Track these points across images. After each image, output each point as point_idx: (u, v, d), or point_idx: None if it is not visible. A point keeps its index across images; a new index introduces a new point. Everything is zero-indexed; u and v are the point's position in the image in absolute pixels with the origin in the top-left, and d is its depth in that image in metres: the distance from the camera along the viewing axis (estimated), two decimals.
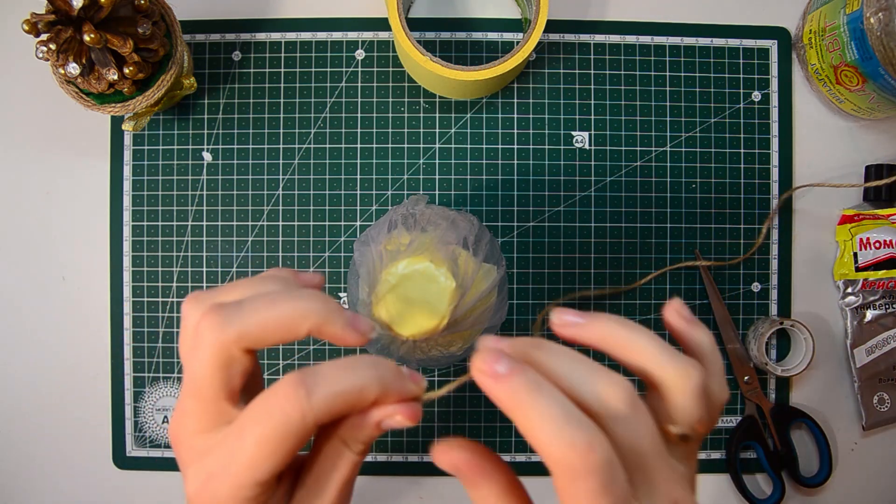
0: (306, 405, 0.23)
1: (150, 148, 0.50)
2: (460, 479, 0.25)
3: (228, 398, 0.25)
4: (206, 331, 0.24)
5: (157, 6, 0.42)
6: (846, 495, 0.50)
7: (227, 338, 0.24)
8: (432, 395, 0.26)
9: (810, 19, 0.49)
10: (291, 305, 0.24)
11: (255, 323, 0.24)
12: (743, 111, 0.50)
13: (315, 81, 0.50)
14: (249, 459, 0.23)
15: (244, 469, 0.23)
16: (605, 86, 0.50)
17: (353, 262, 0.40)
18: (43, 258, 0.50)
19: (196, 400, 0.25)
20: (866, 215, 0.49)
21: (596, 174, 0.50)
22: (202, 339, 0.24)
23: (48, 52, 0.38)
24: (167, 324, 0.50)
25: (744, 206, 0.50)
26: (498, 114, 0.50)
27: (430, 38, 0.50)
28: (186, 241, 0.50)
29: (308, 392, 0.23)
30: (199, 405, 0.25)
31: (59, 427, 0.50)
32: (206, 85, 0.50)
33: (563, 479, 0.22)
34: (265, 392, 0.23)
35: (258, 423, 0.23)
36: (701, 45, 0.50)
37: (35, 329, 0.50)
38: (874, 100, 0.46)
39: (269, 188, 0.50)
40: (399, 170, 0.50)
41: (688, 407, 0.24)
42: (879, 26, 0.42)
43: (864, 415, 0.50)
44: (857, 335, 0.50)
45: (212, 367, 0.24)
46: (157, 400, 0.50)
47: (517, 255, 0.50)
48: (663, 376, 0.24)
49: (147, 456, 0.50)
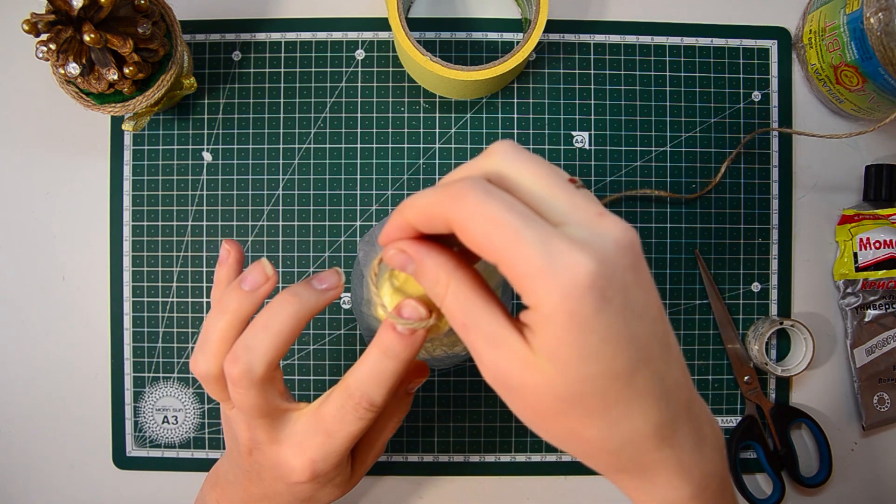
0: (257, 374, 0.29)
1: (150, 148, 0.50)
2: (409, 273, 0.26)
3: (281, 397, 0.31)
4: (241, 379, 0.29)
5: (157, 6, 0.42)
6: (846, 495, 0.50)
7: (260, 373, 0.29)
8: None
9: (810, 19, 0.49)
10: (280, 321, 0.29)
11: (268, 352, 0.29)
12: (743, 111, 0.50)
13: (315, 81, 0.50)
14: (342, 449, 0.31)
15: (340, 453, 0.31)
16: (605, 86, 0.50)
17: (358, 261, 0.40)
18: (43, 258, 0.50)
19: (262, 418, 0.30)
20: (866, 215, 0.49)
21: (596, 174, 0.50)
22: (241, 387, 0.29)
23: (48, 52, 0.38)
24: (167, 324, 0.50)
25: (744, 206, 0.50)
26: (498, 114, 0.50)
27: (430, 38, 0.50)
28: (186, 241, 0.50)
29: (250, 363, 0.29)
30: (265, 420, 0.31)
31: (59, 427, 0.50)
32: (206, 85, 0.50)
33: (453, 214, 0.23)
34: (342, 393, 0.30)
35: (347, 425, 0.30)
36: (701, 45, 0.50)
37: (35, 329, 0.50)
38: (874, 100, 0.46)
39: (269, 188, 0.50)
40: (399, 170, 0.50)
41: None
42: (879, 26, 0.42)
43: (864, 415, 0.50)
44: (857, 335, 0.50)
45: (262, 396, 0.30)
46: (157, 400, 0.50)
47: None
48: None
49: (147, 456, 0.50)
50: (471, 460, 0.50)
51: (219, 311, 0.30)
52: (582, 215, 0.23)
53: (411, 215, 0.25)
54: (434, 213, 0.24)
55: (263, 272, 0.30)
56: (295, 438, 0.31)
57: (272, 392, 0.30)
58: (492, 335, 0.24)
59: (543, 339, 0.22)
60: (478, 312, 0.24)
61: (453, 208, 0.23)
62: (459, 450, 0.50)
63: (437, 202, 0.23)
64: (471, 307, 0.24)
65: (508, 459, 0.50)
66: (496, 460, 0.50)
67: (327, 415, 0.30)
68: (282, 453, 0.31)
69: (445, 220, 0.23)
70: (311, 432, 0.30)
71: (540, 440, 0.50)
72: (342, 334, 0.50)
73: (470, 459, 0.50)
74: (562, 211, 0.23)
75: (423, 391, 0.50)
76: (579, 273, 0.21)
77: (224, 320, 0.30)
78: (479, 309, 0.24)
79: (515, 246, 0.21)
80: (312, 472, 0.31)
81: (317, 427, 0.30)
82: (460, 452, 0.50)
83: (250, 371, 0.29)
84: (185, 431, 0.50)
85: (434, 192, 0.24)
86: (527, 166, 0.24)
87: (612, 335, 0.22)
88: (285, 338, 0.29)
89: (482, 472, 0.50)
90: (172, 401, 0.50)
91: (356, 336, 0.50)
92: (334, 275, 0.30)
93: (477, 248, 0.23)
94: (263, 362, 0.29)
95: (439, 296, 0.25)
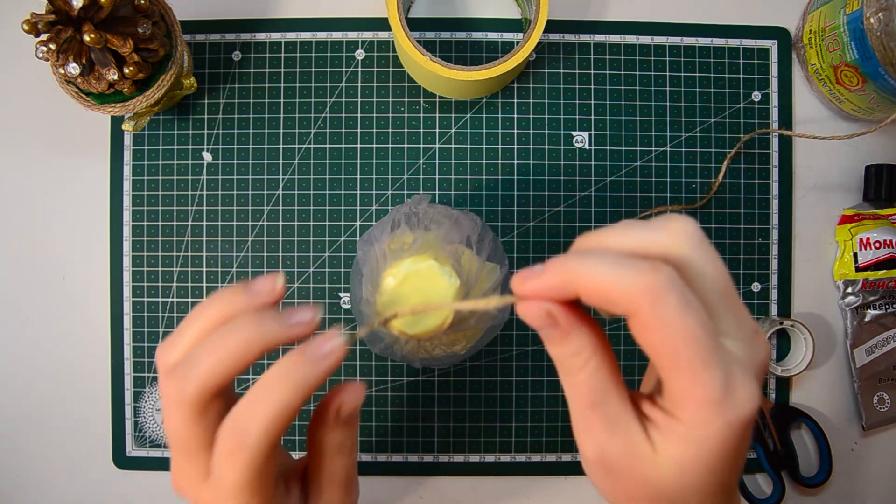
0: (187, 395, 0.25)
1: (150, 148, 0.50)
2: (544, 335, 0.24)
3: (213, 445, 0.26)
4: (168, 398, 0.25)
5: (157, 6, 0.42)
6: (846, 495, 0.50)
7: (189, 396, 0.25)
8: (362, 333, 0.26)
9: (810, 19, 0.49)
10: (232, 343, 0.25)
11: (206, 374, 0.25)
12: (743, 111, 0.50)
13: (315, 81, 0.50)
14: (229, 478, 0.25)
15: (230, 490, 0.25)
16: (605, 86, 0.50)
17: (357, 261, 0.40)
18: (43, 258, 0.50)
19: (185, 455, 0.26)
20: (866, 215, 0.49)
21: (596, 174, 0.50)
22: (168, 405, 0.26)
23: (48, 52, 0.38)
24: (167, 324, 0.50)
25: (744, 206, 0.50)
26: (498, 114, 0.50)
27: (430, 38, 0.50)
28: (186, 241, 0.50)
29: (184, 381, 0.25)
30: (187, 459, 0.26)
31: (59, 427, 0.50)
32: (206, 85, 0.50)
33: (643, 310, 0.21)
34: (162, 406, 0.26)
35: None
36: (701, 45, 0.50)
37: (35, 329, 0.50)
38: (874, 100, 0.46)
39: (269, 188, 0.50)
40: (399, 170, 0.50)
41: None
42: (879, 26, 0.42)
43: (864, 415, 0.50)
44: (857, 335, 0.50)
45: (188, 425, 0.25)
46: (157, 400, 0.50)
47: (517, 255, 0.50)
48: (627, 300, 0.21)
49: (147, 456, 0.50)
50: (471, 460, 0.50)
51: (211, 300, 0.27)
52: (744, 333, 0.23)
53: (583, 283, 0.22)
54: (616, 298, 0.21)
55: (274, 282, 0.27)
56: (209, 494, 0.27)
57: (200, 426, 0.26)
58: (614, 419, 0.23)
59: (677, 449, 0.22)
60: (609, 395, 0.23)
61: (644, 304, 0.21)
62: (459, 450, 0.50)
63: (627, 288, 0.21)
64: (605, 387, 0.23)
65: (508, 459, 0.50)
66: (496, 460, 0.50)
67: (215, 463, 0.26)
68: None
69: (627, 308, 0.21)
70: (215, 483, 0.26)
71: (540, 440, 0.50)
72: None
73: (470, 459, 0.50)
74: (729, 323, 0.23)
75: (423, 391, 0.50)
76: (748, 412, 0.22)
77: (209, 312, 0.27)
78: (611, 392, 0.23)
79: (701, 371, 0.21)
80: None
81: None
82: (460, 452, 0.50)
83: (181, 389, 0.25)
84: None
85: (621, 271, 0.21)
86: (711, 264, 0.23)
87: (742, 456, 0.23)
88: (231, 364, 0.25)
89: (482, 472, 0.50)
90: None
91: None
92: (310, 311, 0.26)
93: (652, 350, 0.22)
94: (197, 384, 0.25)
95: (574, 367, 0.23)
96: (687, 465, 0.23)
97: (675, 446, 0.23)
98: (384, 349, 0.38)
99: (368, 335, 0.39)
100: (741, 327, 0.23)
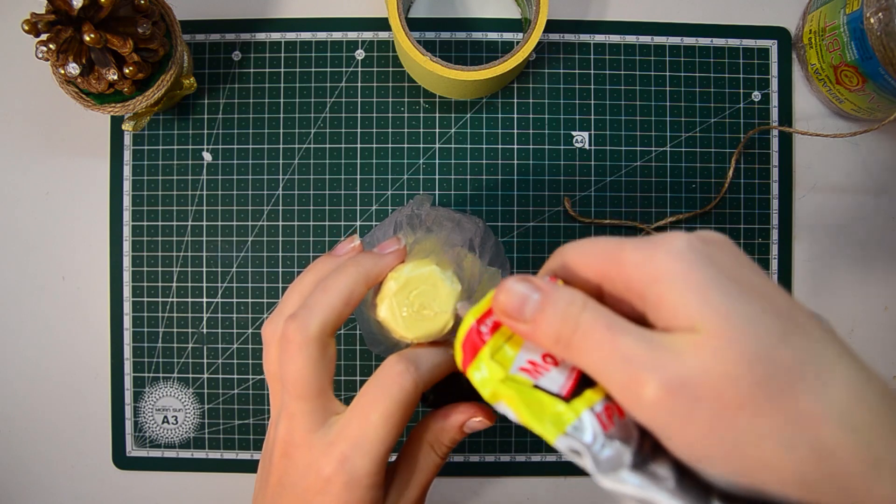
0: (416, 376, 0.28)
1: (150, 148, 0.50)
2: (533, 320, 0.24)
3: (330, 387, 0.29)
4: (294, 334, 0.28)
5: (157, 6, 0.42)
6: None
7: (314, 331, 0.28)
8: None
9: (810, 19, 0.49)
10: (342, 284, 0.29)
11: (326, 311, 0.28)
12: (743, 111, 0.50)
13: (315, 81, 0.50)
14: (378, 433, 0.27)
15: (376, 443, 0.27)
16: (605, 86, 0.50)
17: None
18: (43, 258, 0.50)
19: (303, 401, 0.28)
20: None
21: (596, 174, 0.50)
22: (293, 344, 0.28)
23: (48, 52, 0.38)
24: (167, 324, 0.50)
25: (744, 206, 0.50)
26: (498, 114, 0.50)
27: (430, 38, 0.50)
28: (186, 241, 0.50)
29: (416, 366, 0.28)
30: (307, 405, 0.28)
31: (59, 427, 0.50)
32: (206, 85, 0.50)
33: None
34: (375, 376, 0.28)
35: (380, 401, 0.27)
36: (701, 45, 0.50)
37: (35, 329, 0.50)
38: (874, 100, 0.46)
39: (269, 188, 0.50)
40: (399, 170, 0.50)
41: None
42: (879, 26, 0.42)
43: None
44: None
45: (311, 363, 0.28)
46: (157, 400, 0.50)
47: (517, 255, 0.50)
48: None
49: (147, 456, 0.50)
50: (471, 460, 0.50)
51: (304, 272, 0.31)
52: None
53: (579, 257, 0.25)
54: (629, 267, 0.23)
55: (353, 241, 0.32)
56: (329, 438, 0.28)
57: (322, 369, 0.28)
58: (647, 336, 0.21)
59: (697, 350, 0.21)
60: (624, 321, 0.22)
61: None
62: (459, 450, 0.50)
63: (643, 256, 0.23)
64: (616, 317, 0.22)
65: (508, 459, 0.50)
66: (496, 460, 0.50)
67: (363, 393, 0.28)
68: (313, 455, 0.28)
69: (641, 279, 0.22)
70: (344, 423, 0.28)
71: (540, 440, 0.50)
72: (342, 334, 0.50)
73: (470, 459, 0.50)
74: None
75: None
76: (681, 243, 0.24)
77: (308, 277, 0.31)
78: (623, 320, 0.22)
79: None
80: (340, 461, 0.27)
81: (350, 413, 0.28)
82: (460, 452, 0.50)
83: (305, 328, 0.28)
84: (184, 432, 0.50)
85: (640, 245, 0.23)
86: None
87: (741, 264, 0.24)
88: (344, 299, 0.29)
89: (482, 473, 0.50)
90: (172, 401, 0.50)
91: (356, 336, 0.50)
92: (395, 241, 0.31)
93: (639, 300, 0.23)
94: (319, 320, 0.28)
95: (572, 315, 0.23)
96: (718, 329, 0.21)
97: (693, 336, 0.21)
98: (384, 352, 0.38)
99: (367, 335, 0.39)
100: None
